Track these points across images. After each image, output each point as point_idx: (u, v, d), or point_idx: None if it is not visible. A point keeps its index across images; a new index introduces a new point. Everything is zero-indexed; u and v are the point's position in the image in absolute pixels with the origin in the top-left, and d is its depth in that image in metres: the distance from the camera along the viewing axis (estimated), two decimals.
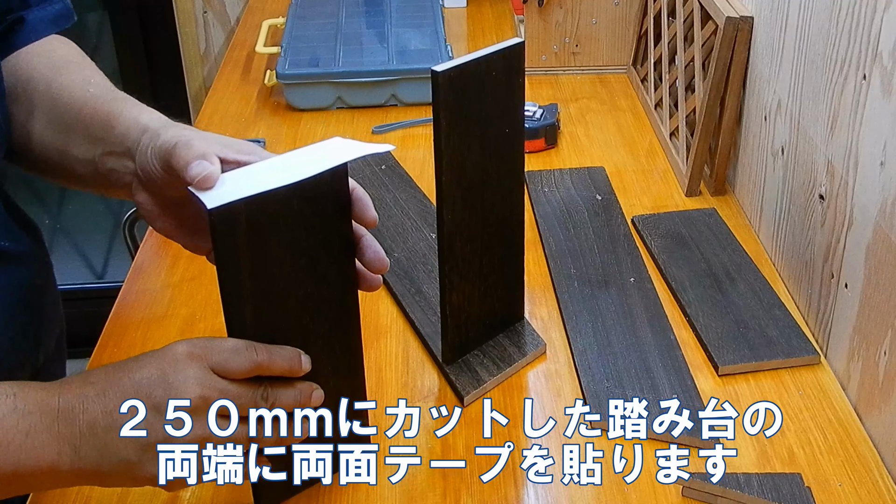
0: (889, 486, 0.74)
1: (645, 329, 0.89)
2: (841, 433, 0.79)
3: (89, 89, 0.77)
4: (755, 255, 1.01)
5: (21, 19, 0.81)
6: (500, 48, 0.76)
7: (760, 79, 1.03)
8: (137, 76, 1.92)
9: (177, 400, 0.59)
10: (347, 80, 1.31)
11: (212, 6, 1.87)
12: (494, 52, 0.75)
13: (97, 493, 0.74)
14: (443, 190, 0.76)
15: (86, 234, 2.28)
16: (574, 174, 1.15)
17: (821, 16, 0.87)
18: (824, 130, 0.87)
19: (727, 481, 0.71)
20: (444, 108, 0.73)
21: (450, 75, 0.72)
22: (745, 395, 0.83)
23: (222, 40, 1.89)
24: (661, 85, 1.25)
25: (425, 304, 0.93)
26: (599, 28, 1.40)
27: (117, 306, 0.96)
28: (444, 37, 1.41)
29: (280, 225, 0.62)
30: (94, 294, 1.97)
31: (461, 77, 0.73)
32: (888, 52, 0.74)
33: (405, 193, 1.11)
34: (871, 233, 0.79)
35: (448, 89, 0.73)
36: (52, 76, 0.79)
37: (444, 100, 0.73)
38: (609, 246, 1.01)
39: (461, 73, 0.73)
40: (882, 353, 0.77)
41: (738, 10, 1.05)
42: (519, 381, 0.86)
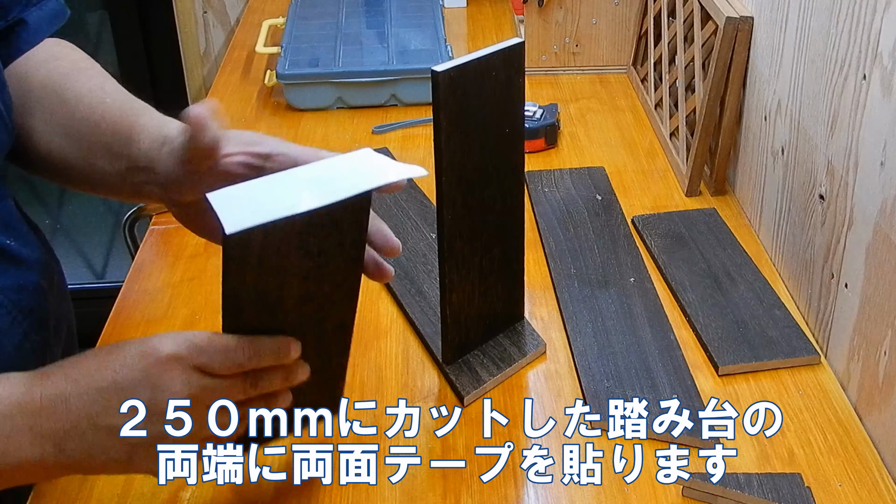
0: (889, 486, 0.74)
1: (645, 329, 0.89)
2: (841, 433, 0.79)
3: (105, 99, 0.77)
4: (755, 255, 1.01)
5: (22, 21, 0.81)
6: (500, 48, 0.76)
7: (760, 79, 1.03)
8: (137, 76, 1.92)
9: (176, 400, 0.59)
10: (347, 80, 1.31)
11: (212, 6, 1.87)
12: (494, 52, 0.75)
13: (97, 494, 0.74)
14: (443, 190, 0.76)
15: (86, 234, 2.29)
16: (574, 174, 1.15)
17: (821, 16, 0.87)
18: (824, 130, 0.87)
19: (727, 481, 0.71)
20: (444, 108, 0.73)
21: (450, 75, 0.72)
22: (745, 395, 0.83)
23: (222, 40, 1.89)
24: (661, 85, 1.25)
25: (425, 304, 0.93)
26: (599, 28, 1.40)
27: (117, 306, 0.96)
28: (444, 37, 1.41)
29: (295, 246, 0.60)
30: (94, 294, 1.97)
31: (461, 77, 0.73)
32: (888, 52, 0.74)
33: (405, 193, 1.11)
34: (871, 233, 0.79)
35: (448, 89, 0.73)
36: (65, 85, 0.79)
37: (444, 100, 0.73)
38: (609, 246, 1.01)
39: (461, 73, 0.73)
40: (882, 353, 0.77)
41: (738, 10, 1.05)
42: (519, 381, 0.86)
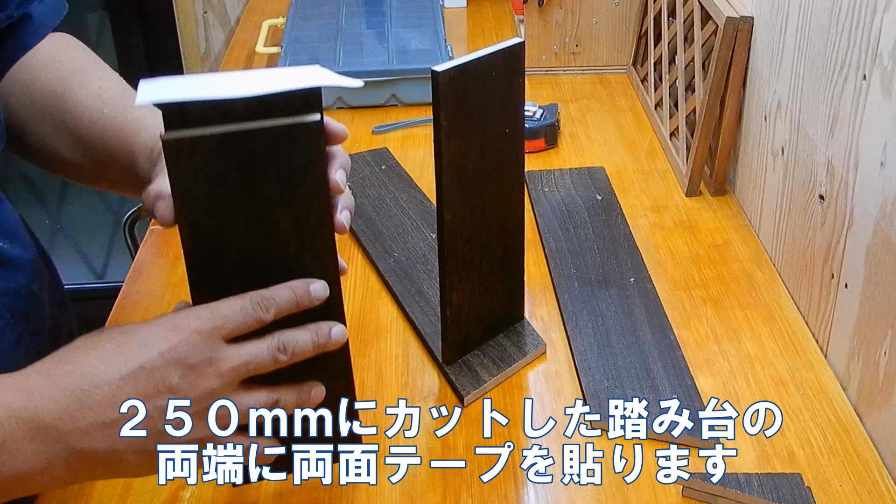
0: (889, 486, 0.74)
1: (645, 329, 0.89)
2: (841, 433, 0.79)
3: (104, 110, 0.78)
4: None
5: (27, 16, 0.81)
6: (500, 48, 0.76)
7: (760, 79, 1.03)
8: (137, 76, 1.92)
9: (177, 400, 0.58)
10: None
11: (212, 6, 1.87)
12: (494, 52, 0.75)
13: (98, 493, 0.74)
14: (443, 190, 0.76)
15: (86, 234, 2.28)
16: (574, 174, 1.15)
17: (821, 16, 0.87)
18: (824, 130, 0.87)
19: (727, 481, 0.71)
20: (444, 108, 0.73)
21: (450, 75, 0.72)
22: (745, 395, 0.83)
23: (222, 40, 1.89)
24: (661, 85, 1.25)
25: (425, 304, 0.93)
26: (599, 28, 1.40)
27: (117, 306, 0.96)
28: (444, 37, 1.41)
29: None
30: (94, 294, 1.97)
31: (461, 77, 0.73)
32: (888, 52, 0.74)
33: (405, 193, 1.11)
34: (871, 233, 0.79)
35: (448, 89, 0.73)
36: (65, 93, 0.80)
37: (444, 100, 0.73)
38: (609, 246, 1.01)
39: (461, 73, 0.73)
40: (882, 353, 0.77)
41: (738, 10, 1.05)
42: (519, 381, 0.86)
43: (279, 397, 0.62)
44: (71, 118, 0.79)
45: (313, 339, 0.62)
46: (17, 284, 0.76)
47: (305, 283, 0.61)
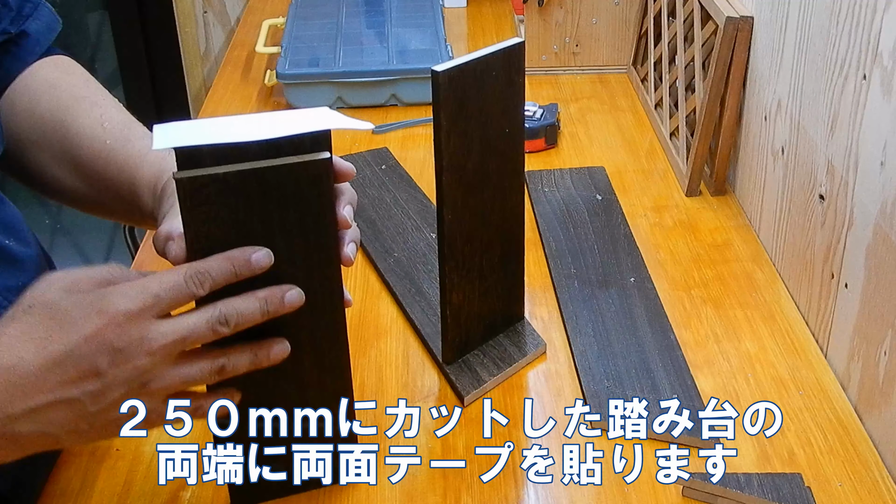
0: (889, 486, 0.74)
1: (645, 329, 0.89)
2: (841, 433, 0.79)
3: (106, 140, 0.78)
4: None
5: (24, 33, 0.81)
6: (500, 48, 0.76)
7: (760, 79, 1.03)
8: (137, 76, 1.92)
9: (106, 383, 0.58)
10: (347, 80, 1.31)
11: (212, 6, 1.87)
12: (494, 52, 0.75)
13: (98, 493, 0.74)
14: (443, 190, 0.76)
15: (86, 234, 2.28)
16: (574, 174, 1.15)
17: (821, 16, 0.87)
18: (824, 130, 0.87)
19: (727, 481, 0.71)
20: (444, 108, 0.73)
21: (450, 75, 0.72)
22: (745, 395, 0.83)
23: (222, 40, 1.89)
24: (661, 85, 1.25)
25: (425, 304, 0.93)
26: (599, 28, 1.40)
27: None
28: (444, 37, 1.41)
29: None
30: None
31: (461, 77, 0.73)
32: (888, 52, 0.74)
33: (405, 193, 1.11)
34: (871, 233, 0.79)
35: (448, 89, 0.73)
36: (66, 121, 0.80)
37: (444, 100, 0.73)
38: (609, 246, 1.01)
39: (461, 73, 0.73)
40: (882, 353, 0.77)
41: (738, 10, 1.05)
42: (519, 381, 0.86)
43: (224, 362, 0.61)
44: (72, 147, 0.80)
45: (261, 307, 0.61)
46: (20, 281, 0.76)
47: (245, 252, 0.60)
